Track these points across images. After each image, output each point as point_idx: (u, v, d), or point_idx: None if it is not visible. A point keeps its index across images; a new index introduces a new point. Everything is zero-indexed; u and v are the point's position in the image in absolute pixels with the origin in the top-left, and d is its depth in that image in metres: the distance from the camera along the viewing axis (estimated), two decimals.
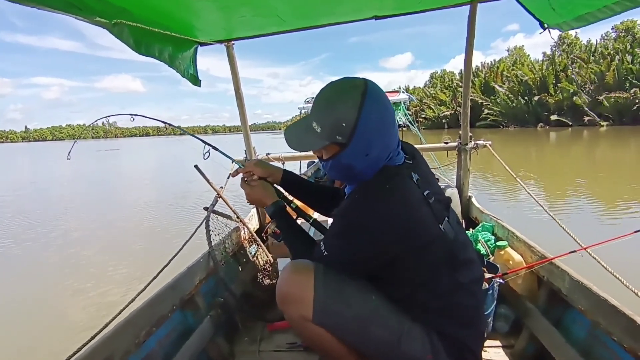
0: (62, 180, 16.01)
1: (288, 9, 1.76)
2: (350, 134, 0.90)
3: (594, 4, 1.50)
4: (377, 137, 0.92)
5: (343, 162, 0.95)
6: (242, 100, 2.40)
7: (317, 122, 0.94)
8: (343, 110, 0.90)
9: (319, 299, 0.93)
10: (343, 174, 1.01)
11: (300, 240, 1.14)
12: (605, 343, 1.17)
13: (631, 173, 9.85)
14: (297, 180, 1.34)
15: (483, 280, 1.07)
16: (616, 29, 37.46)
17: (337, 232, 0.96)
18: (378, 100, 0.92)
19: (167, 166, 20.55)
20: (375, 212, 0.88)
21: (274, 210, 1.19)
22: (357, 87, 0.91)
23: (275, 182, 1.30)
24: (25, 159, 36.57)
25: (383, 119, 0.92)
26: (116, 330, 1.16)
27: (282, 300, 0.98)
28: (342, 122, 0.90)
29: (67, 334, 3.17)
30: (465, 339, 0.98)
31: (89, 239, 6.30)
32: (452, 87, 53.38)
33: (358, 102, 0.89)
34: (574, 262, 1.40)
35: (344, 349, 0.97)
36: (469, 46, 2.09)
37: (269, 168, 1.30)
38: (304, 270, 0.97)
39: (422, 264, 0.93)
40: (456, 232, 0.97)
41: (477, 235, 2.05)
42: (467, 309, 0.99)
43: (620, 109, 32.66)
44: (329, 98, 0.94)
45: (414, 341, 0.94)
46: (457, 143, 2.43)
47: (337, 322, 0.94)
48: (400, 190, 0.91)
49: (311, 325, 0.94)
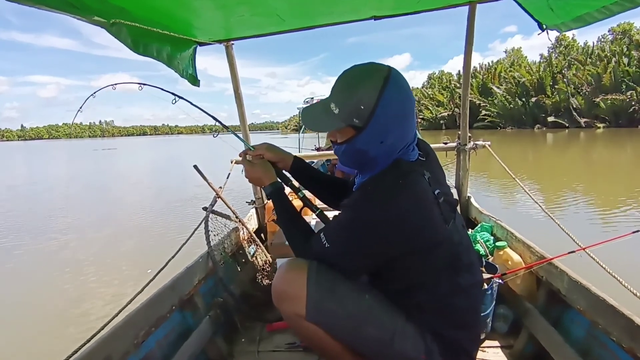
0: (59, 180, 15.94)
1: (287, 8, 1.75)
2: (368, 117, 0.88)
3: (593, 5, 1.51)
4: (394, 125, 0.90)
5: (357, 146, 0.93)
6: (241, 100, 2.40)
7: (336, 103, 0.92)
8: (363, 93, 0.87)
9: (312, 297, 0.94)
10: (355, 160, 0.98)
11: (295, 225, 1.11)
12: (604, 343, 1.17)
13: (628, 174, 9.91)
14: (307, 168, 1.30)
15: (482, 284, 1.06)
16: (613, 31, 37.72)
17: (344, 224, 0.93)
18: (400, 88, 0.89)
19: (167, 167, 20.49)
20: (386, 208, 0.86)
21: (272, 191, 1.16)
22: (380, 72, 0.89)
23: (285, 168, 1.28)
24: (29, 158, 36.38)
25: (403, 108, 0.90)
26: (115, 330, 1.16)
27: (277, 298, 1.00)
28: (361, 105, 0.87)
29: (66, 334, 3.15)
30: (460, 341, 0.97)
31: (88, 239, 6.27)
32: (450, 88, 53.47)
33: (379, 87, 0.86)
34: (573, 262, 1.41)
35: (339, 346, 0.98)
36: (468, 47, 2.09)
37: (280, 153, 1.27)
38: (298, 269, 0.98)
39: (425, 265, 0.92)
40: (461, 234, 0.97)
41: (476, 236, 2.05)
42: (464, 311, 0.98)
43: (616, 111, 32.79)
44: (350, 80, 0.91)
45: (407, 341, 0.94)
46: (456, 143, 2.43)
47: (330, 319, 0.95)
48: (413, 188, 0.89)
49: (305, 322, 0.95)
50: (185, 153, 30.20)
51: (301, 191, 1.27)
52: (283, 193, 1.17)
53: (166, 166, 20.30)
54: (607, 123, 33.67)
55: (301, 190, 1.27)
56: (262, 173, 1.19)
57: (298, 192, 1.26)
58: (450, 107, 50.61)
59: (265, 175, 1.19)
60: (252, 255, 2.23)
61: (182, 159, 23.80)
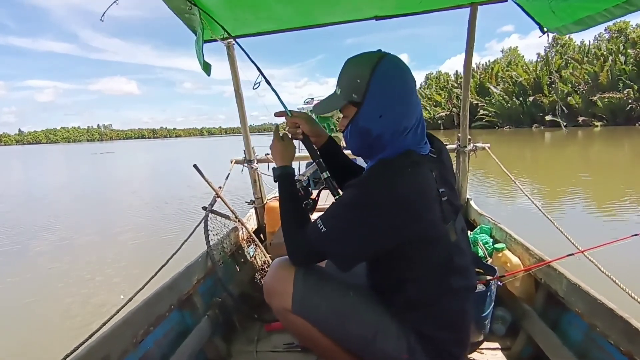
0: (57, 186, 15.87)
1: (290, 7, 1.75)
2: (364, 90, 0.92)
3: (594, 7, 1.50)
4: (391, 97, 0.92)
5: (360, 124, 0.96)
6: (242, 100, 2.38)
7: (338, 85, 0.99)
8: (359, 68, 0.94)
9: (298, 292, 1.01)
10: (362, 141, 0.98)
11: (294, 214, 1.09)
12: (602, 346, 1.18)
13: (626, 174, 9.94)
14: (338, 152, 1.30)
15: (475, 288, 1.07)
16: (609, 30, 37.72)
17: (347, 202, 0.92)
18: (396, 65, 0.94)
19: (166, 168, 20.43)
20: (391, 189, 0.86)
21: (281, 174, 1.15)
22: (377, 53, 0.96)
23: (318, 144, 1.27)
24: (28, 162, 36.13)
25: (400, 83, 0.93)
26: (113, 329, 1.16)
27: (267, 294, 1.07)
28: (357, 79, 0.93)
29: (65, 333, 3.15)
30: (445, 343, 0.98)
31: (86, 240, 6.26)
32: (448, 89, 53.50)
33: (374, 62, 0.92)
34: (571, 265, 1.41)
35: (329, 341, 1.03)
36: (469, 48, 2.08)
37: (317, 128, 1.26)
38: (287, 266, 1.05)
39: (419, 258, 0.92)
40: (459, 237, 0.96)
41: (475, 238, 2.06)
42: (453, 313, 0.98)
43: (613, 109, 32.99)
44: (349, 62, 0.98)
45: (390, 339, 0.97)
46: (455, 145, 2.42)
47: (315, 314, 1.01)
48: (418, 177, 0.89)
49: (292, 315, 1.02)
50: (184, 156, 30.08)
51: (326, 171, 1.24)
52: (292, 178, 1.16)
53: (165, 168, 20.23)
54: (605, 121, 33.84)
55: (327, 171, 1.24)
56: (282, 151, 1.19)
57: (324, 171, 1.23)
58: (448, 107, 50.64)
59: (284, 155, 1.19)
60: (252, 255, 2.23)
61: (181, 160, 23.74)
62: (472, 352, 1.52)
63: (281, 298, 1.03)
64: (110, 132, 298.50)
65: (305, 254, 1.01)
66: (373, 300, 1.02)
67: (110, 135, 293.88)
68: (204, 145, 40.84)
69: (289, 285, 1.01)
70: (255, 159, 2.55)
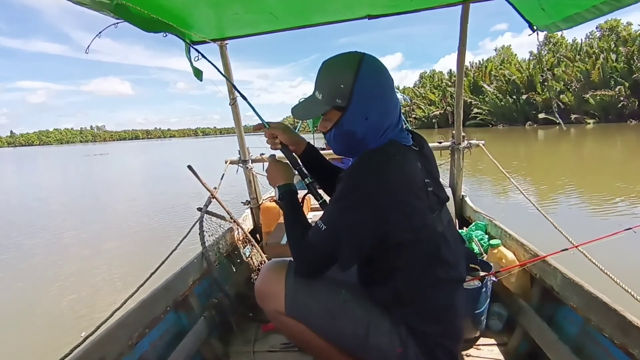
0: (52, 188, 15.74)
1: (282, 6, 1.74)
2: (349, 95, 0.92)
3: (583, 4, 1.51)
4: (375, 99, 0.94)
5: (345, 128, 0.96)
6: (236, 100, 2.37)
7: (319, 90, 0.98)
8: (341, 74, 0.94)
9: (290, 293, 1.02)
10: (346, 144, 1.01)
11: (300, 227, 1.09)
12: (597, 339, 1.19)
13: (619, 170, 10.03)
14: (318, 157, 1.31)
15: (464, 282, 1.07)
16: (600, 28, 38.03)
17: (338, 196, 0.93)
18: (376, 67, 0.95)
19: (160, 170, 20.33)
20: (380, 174, 0.88)
21: (285, 191, 1.15)
22: (354, 55, 0.96)
23: (297, 152, 1.28)
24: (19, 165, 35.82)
25: (381, 82, 0.95)
26: (109, 332, 1.15)
27: (259, 297, 1.09)
28: (341, 84, 0.93)
29: (59, 336, 3.12)
30: (435, 335, 0.98)
31: (84, 240, 6.21)
32: (442, 87, 53.68)
33: (355, 65, 0.92)
34: (566, 259, 1.42)
35: (323, 342, 1.03)
36: (461, 46, 2.09)
37: (295, 137, 1.27)
38: (278, 269, 1.07)
39: (408, 247, 0.92)
40: (445, 228, 0.97)
41: (470, 234, 2.07)
42: (441, 306, 0.98)
43: (605, 107, 33.24)
44: (328, 67, 0.98)
45: (382, 335, 0.97)
46: (450, 143, 2.43)
47: (307, 314, 1.02)
48: (407, 162, 0.92)
49: (285, 317, 1.03)
50: (178, 157, 29.89)
51: (308, 177, 1.25)
52: (295, 195, 1.17)
53: (160, 170, 20.13)
54: (597, 119, 34.13)
55: (308, 177, 1.25)
56: (283, 170, 1.20)
57: (305, 177, 1.25)
58: (442, 105, 50.81)
59: (287, 173, 1.20)
60: (248, 255, 2.23)
61: (175, 162, 23.64)
62: (469, 348, 1.53)
63: (274, 301, 1.03)
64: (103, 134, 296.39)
65: (311, 258, 0.99)
66: (364, 297, 1.03)
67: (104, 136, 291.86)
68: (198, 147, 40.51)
69: (281, 288, 1.03)
70: (250, 159, 2.55)
